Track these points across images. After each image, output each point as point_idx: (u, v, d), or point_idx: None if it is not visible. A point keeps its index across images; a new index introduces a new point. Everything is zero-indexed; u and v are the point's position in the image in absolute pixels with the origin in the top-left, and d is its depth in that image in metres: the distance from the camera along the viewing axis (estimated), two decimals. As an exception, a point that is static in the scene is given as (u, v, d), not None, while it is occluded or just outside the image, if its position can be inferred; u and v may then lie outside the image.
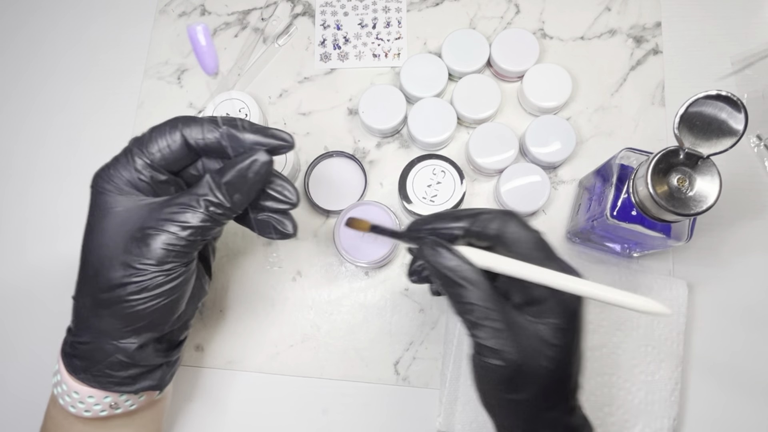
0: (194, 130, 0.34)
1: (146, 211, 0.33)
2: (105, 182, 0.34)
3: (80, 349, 0.35)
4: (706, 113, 0.35)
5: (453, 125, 0.51)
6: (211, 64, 0.31)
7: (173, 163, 0.34)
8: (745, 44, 0.54)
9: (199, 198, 0.32)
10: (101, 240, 0.33)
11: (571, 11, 0.57)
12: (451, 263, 0.31)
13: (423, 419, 0.48)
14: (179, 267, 0.33)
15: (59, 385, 0.37)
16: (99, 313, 0.33)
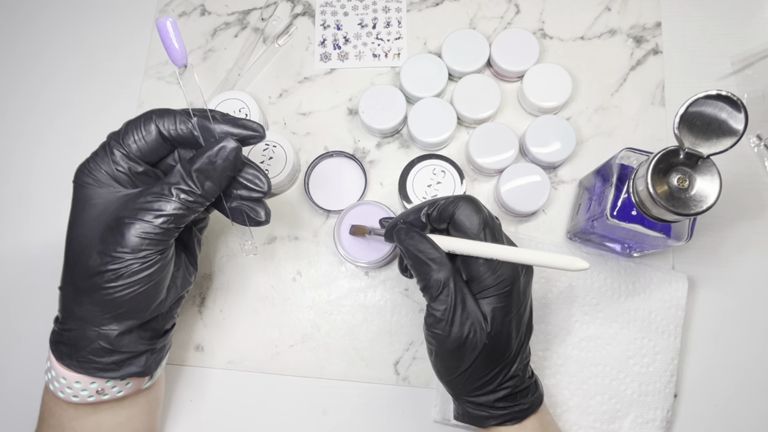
0: (167, 121, 0.36)
1: (122, 202, 0.34)
2: (85, 176, 0.35)
3: (65, 336, 0.36)
4: (706, 113, 0.35)
5: (453, 125, 0.51)
6: (179, 57, 0.33)
7: (149, 154, 0.36)
8: (745, 44, 0.54)
9: (171, 186, 0.34)
10: (80, 231, 0.35)
11: (571, 11, 0.57)
12: (420, 245, 0.36)
13: (423, 419, 0.48)
14: (154, 254, 0.34)
15: (49, 371, 0.38)
16: (80, 301, 0.35)
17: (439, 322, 0.35)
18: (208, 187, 0.35)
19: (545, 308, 0.48)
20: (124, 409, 0.40)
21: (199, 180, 0.34)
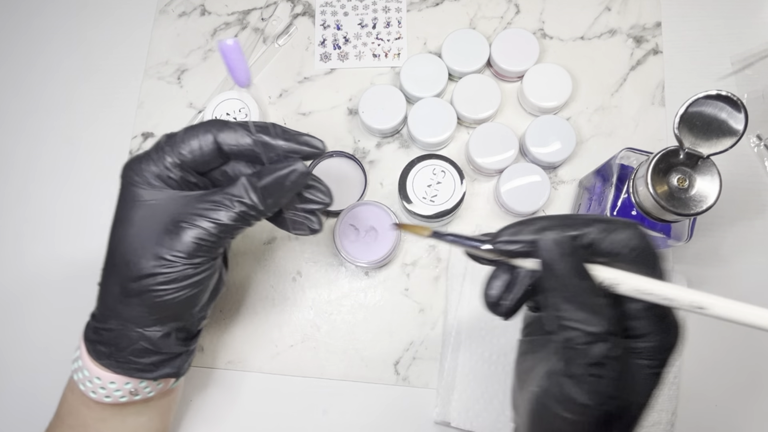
0: (228, 135, 0.35)
1: (179, 204, 0.34)
2: (135, 174, 0.34)
3: (105, 336, 0.36)
4: (706, 113, 0.35)
5: (453, 125, 0.51)
6: (245, 78, 0.32)
7: (202, 164, 0.35)
8: (745, 44, 0.54)
9: (233, 198, 0.33)
10: (131, 230, 0.34)
11: (571, 11, 0.57)
12: (581, 277, 0.25)
13: (423, 419, 0.48)
14: (207, 261, 0.34)
15: (80, 370, 0.37)
16: (127, 302, 0.34)
17: (571, 403, 0.25)
18: (270, 203, 0.34)
19: (545, 308, 0.48)
20: (147, 408, 0.40)
21: (263, 196, 0.34)
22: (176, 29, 0.60)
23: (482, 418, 0.46)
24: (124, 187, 0.35)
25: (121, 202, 0.35)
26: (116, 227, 0.35)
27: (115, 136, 0.57)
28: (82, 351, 0.37)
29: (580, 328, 0.24)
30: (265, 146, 0.35)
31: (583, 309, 0.24)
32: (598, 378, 0.24)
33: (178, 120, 0.56)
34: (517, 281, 0.28)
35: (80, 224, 0.56)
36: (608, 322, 0.24)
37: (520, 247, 0.27)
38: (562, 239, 0.26)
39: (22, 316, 0.54)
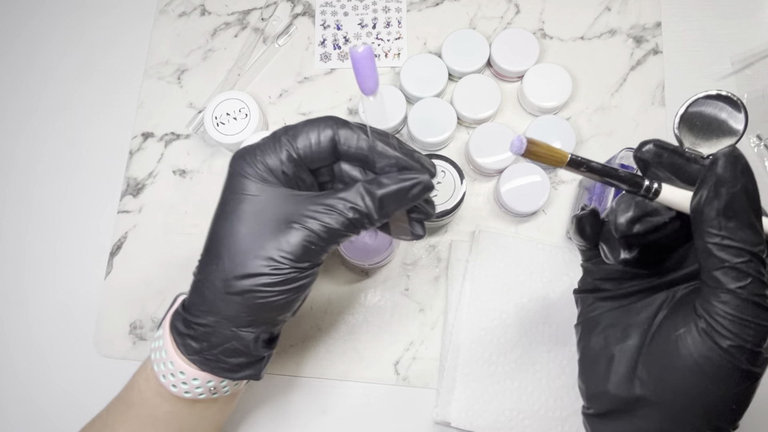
0: (347, 133, 0.34)
1: (291, 204, 0.32)
2: (247, 165, 0.33)
3: (198, 331, 0.34)
4: (706, 113, 0.35)
5: (453, 125, 0.51)
6: (372, 86, 0.30)
7: (315, 160, 0.34)
8: (745, 44, 0.54)
9: (347, 203, 0.32)
10: (239, 225, 0.32)
11: (571, 11, 0.57)
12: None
13: (423, 419, 0.48)
14: (312, 266, 0.33)
15: (163, 362, 0.36)
16: (228, 299, 0.33)
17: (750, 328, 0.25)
18: (384, 214, 0.33)
19: (548, 309, 0.48)
20: (215, 404, 0.39)
21: (379, 205, 0.32)
22: (176, 29, 0.60)
23: (482, 418, 0.46)
24: (233, 178, 0.33)
25: (229, 193, 0.33)
26: (222, 219, 0.33)
27: (115, 136, 0.57)
28: (166, 342, 0.36)
29: (743, 247, 0.25)
30: (379, 154, 0.33)
31: (748, 228, 0.25)
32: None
33: (178, 120, 0.56)
34: (647, 213, 0.28)
35: (81, 224, 0.56)
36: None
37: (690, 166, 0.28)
38: (740, 154, 0.26)
39: (22, 316, 0.54)
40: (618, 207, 0.28)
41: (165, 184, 0.55)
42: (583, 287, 0.35)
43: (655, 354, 0.28)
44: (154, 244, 0.54)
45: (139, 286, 0.53)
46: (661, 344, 0.28)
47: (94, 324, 0.53)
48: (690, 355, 0.26)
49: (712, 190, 0.25)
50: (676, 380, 0.27)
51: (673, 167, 0.28)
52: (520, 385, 0.47)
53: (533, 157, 0.27)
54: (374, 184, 0.32)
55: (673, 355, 0.27)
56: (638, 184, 0.27)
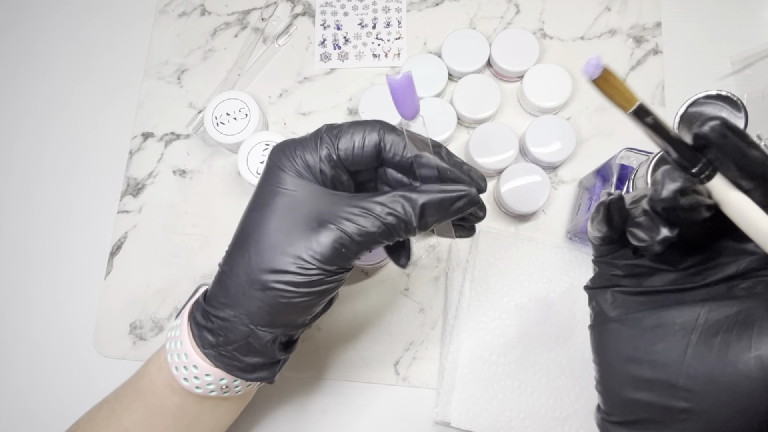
0: (395, 140, 0.32)
1: (327, 202, 0.31)
2: (285, 158, 0.32)
3: (216, 324, 0.33)
4: (706, 113, 0.35)
5: (453, 125, 0.51)
6: (411, 113, 0.29)
7: (357, 163, 0.33)
8: (745, 44, 0.54)
9: (386, 208, 0.30)
10: (271, 219, 0.31)
11: (571, 11, 0.57)
12: None
13: (423, 419, 0.48)
14: (340, 271, 0.31)
15: (177, 353, 0.35)
16: (251, 294, 0.32)
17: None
18: (424, 224, 0.31)
19: (548, 309, 0.48)
20: (225, 403, 0.39)
21: (421, 214, 0.31)
22: (176, 29, 0.60)
23: (482, 418, 0.46)
24: (271, 170, 0.32)
25: (264, 185, 0.32)
26: (254, 211, 0.32)
27: (115, 136, 0.57)
28: (183, 332, 0.35)
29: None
30: (425, 165, 0.32)
31: None
32: None
33: (178, 120, 0.56)
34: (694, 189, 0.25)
35: (81, 224, 0.56)
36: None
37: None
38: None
39: (22, 316, 0.54)
40: (663, 178, 0.25)
41: (165, 184, 0.55)
42: (598, 284, 0.32)
43: (710, 367, 0.25)
44: (154, 244, 0.54)
45: (139, 286, 0.53)
46: (722, 359, 0.25)
47: (94, 324, 0.53)
48: (766, 379, 0.24)
49: None
50: (738, 401, 0.24)
51: (735, 150, 0.25)
52: (520, 385, 0.47)
53: (603, 87, 0.25)
54: (417, 192, 0.31)
55: (740, 375, 0.24)
56: (696, 158, 0.25)
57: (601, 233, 0.30)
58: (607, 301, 0.30)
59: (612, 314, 0.30)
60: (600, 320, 0.31)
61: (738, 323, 0.25)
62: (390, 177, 0.34)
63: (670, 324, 0.27)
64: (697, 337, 0.26)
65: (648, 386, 0.27)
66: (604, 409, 0.30)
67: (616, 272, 0.30)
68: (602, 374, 0.30)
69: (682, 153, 0.25)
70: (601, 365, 0.30)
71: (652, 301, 0.29)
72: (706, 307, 0.27)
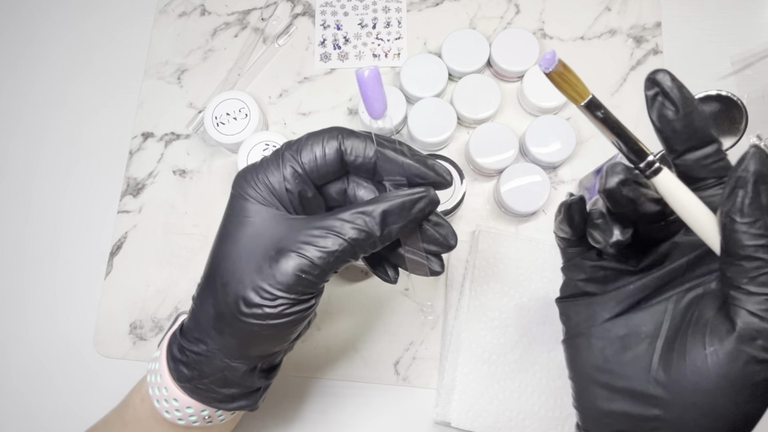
0: (355, 143, 0.31)
1: (285, 229, 0.30)
2: (249, 186, 0.31)
3: (191, 358, 0.33)
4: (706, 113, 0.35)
5: (453, 125, 0.51)
6: (380, 109, 0.29)
7: (320, 176, 0.32)
8: (745, 44, 0.54)
9: (346, 222, 0.29)
10: (233, 250, 0.31)
11: (571, 11, 0.57)
12: None
13: (423, 419, 0.48)
14: (308, 298, 0.31)
15: (158, 386, 0.35)
16: (220, 328, 0.31)
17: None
18: (387, 233, 0.30)
19: (548, 308, 0.48)
20: (211, 429, 0.39)
21: (381, 223, 0.29)
22: (176, 29, 0.60)
23: (482, 418, 0.46)
24: (234, 199, 0.31)
25: (229, 216, 0.32)
26: (220, 243, 0.32)
27: (115, 136, 0.57)
28: (162, 366, 0.34)
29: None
30: (388, 162, 0.31)
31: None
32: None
33: (178, 120, 0.56)
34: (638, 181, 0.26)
35: (81, 224, 0.56)
36: None
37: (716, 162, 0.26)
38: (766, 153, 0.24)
39: (22, 316, 0.54)
40: (609, 170, 0.26)
41: (165, 184, 0.55)
42: (566, 293, 0.32)
43: (674, 372, 0.25)
44: (154, 244, 0.54)
45: (139, 286, 0.53)
46: (682, 362, 0.25)
47: (94, 324, 0.53)
48: (722, 375, 0.24)
49: (752, 188, 0.23)
50: (702, 401, 0.25)
51: (683, 100, 0.26)
52: (520, 385, 0.47)
53: (557, 79, 0.26)
54: (375, 201, 0.30)
55: (699, 375, 0.24)
56: (643, 152, 0.26)
57: (564, 233, 0.30)
58: (577, 314, 0.31)
59: (582, 327, 0.30)
60: (571, 334, 0.31)
61: (693, 322, 0.26)
62: (358, 199, 0.33)
63: (636, 333, 0.28)
64: (661, 344, 0.26)
65: (621, 397, 0.27)
66: (582, 426, 0.30)
67: (581, 276, 0.31)
68: (577, 389, 0.30)
69: (631, 147, 0.26)
70: (576, 380, 0.31)
71: (618, 308, 0.29)
72: (668, 311, 0.27)
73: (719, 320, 0.25)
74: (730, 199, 0.23)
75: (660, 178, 0.26)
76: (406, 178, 0.31)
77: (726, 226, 0.24)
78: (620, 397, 0.27)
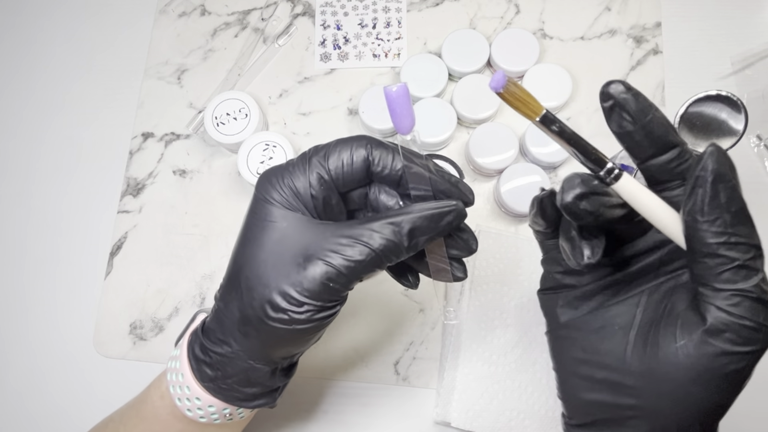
0: (383, 154, 0.31)
1: (311, 235, 0.30)
2: (272, 189, 0.31)
3: (214, 358, 0.33)
4: (706, 113, 0.35)
5: (453, 125, 0.51)
6: (408, 125, 0.29)
7: (346, 182, 0.32)
8: (745, 44, 0.54)
9: (374, 232, 0.29)
10: (260, 254, 0.31)
11: (571, 11, 0.57)
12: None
13: (423, 419, 0.48)
14: (333, 304, 0.31)
15: (180, 385, 0.35)
16: (245, 330, 0.32)
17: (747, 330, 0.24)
18: (414, 244, 0.30)
19: (545, 308, 0.48)
20: (228, 425, 0.39)
21: (410, 234, 0.29)
22: (176, 29, 0.60)
23: (482, 418, 0.46)
24: (258, 202, 0.31)
25: (252, 219, 0.31)
26: (244, 246, 0.31)
27: (115, 136, 0.57)
28: (183, 365, 0.35)
29: (749, 242, 0.24)
30: (414, 176, 0.31)
31: (747, 223, 0.24)
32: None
33: (178, 120, 0.56)
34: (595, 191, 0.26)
35: (81, 224, 0.56)
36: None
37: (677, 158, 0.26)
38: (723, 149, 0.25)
39: (22, 316, 0.54)
40: (565, 184, 0.26)
41: (165, 184, 0.55)
42: (545, 285, 0.33)
43: (647, 363, 0.27)
44: (154, 244, 0.54)
45: (139, 286, 0.53)
46: (655, 354, 0.26)
47: (94, 324, 0.53)
48: (693, 366, 0.25)
49: (711, 187, 0.24)
50: (675, 391, 0.26)
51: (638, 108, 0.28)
52: (520, 385, 0.47)
53: (509, 98, 0.26)
54: (403, 212, 0.30)
55: (672, 366, 0.25)
56: (602, 160, 0.27)
57: (539, 226, 0.32)
58: (556, 306, 0.32)
59: (562, 319, 0.31)
60: (553, 326, 0.32)
61: (665, 315, 0.27)
62: (380, 204, 0.33)
63: (611, 324, 0.29)
64: (634, 336, 0.28)
65: (599, 387, 0.28)
66: (566, 414, 0.31)
67: (559, 269, 0.32)
68: (560, 379, 0.31)
69: (589, 157, 0.27)
70: (558, 370, 0.32)
71: (595, 301, 0.30)
72: (642, 303, 0.28)
73: (689, 314, 0.25)
74: (690, 199, 0.24)
75: (621, 183, 0.26)
76: (431, 193, 0.31)
77: (689, 225, 0.24)
78: (599, 387, 0.28)
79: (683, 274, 0.28)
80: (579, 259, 0.27)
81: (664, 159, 0.27)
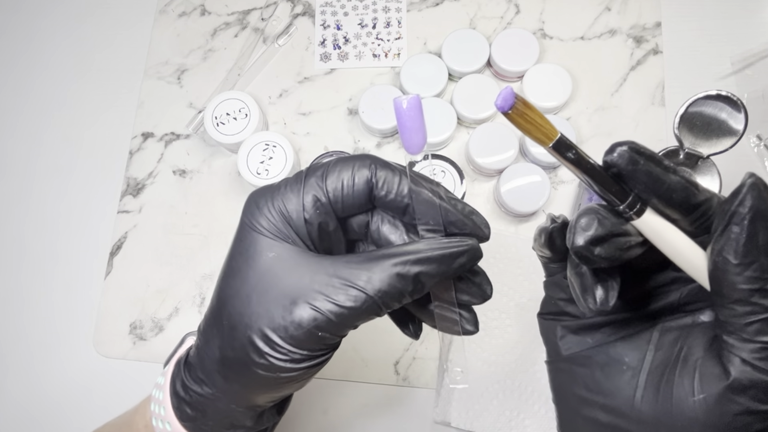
0: (388, 176, 0.27)
1: (302, 271, 0.26)
2: (261, 215, 0.27)
3: (194, 398, 0.30)
4: (706, 113, 0.35)
5: (453, 125, 0.51)
6: (419, 143, 0.25)
7: (346, 207, 0.27)
8: (745, 44, 0.54)
9: (372, 275, 0.25)
10: (242, 288, 0.27)
11: (571, 11, 0.57)
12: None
13: (423, 419, 0.48)
14: (321, 353, 0.28)
15: (163, 420, 0.32)
16: (225, 373, 0.28)
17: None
18: (419, 288, 0.26)
19: (545, 308, 0.48)
20: None
21: (415, 277, 0.25)
22: (176, 29, 0.60)
23: (482, 418, 0.46)
24: (243, 229, 0.27)
25: (237, 247, 0.28)
26: (228, 277, 0.28)
27: (115, 136, 0.57)
28: (166, 398, 0.32)
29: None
30: (422, 203, 0.27)
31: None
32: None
33: (178, 120, 0.56)
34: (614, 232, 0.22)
35: (80, 224, 0.56)
36: None
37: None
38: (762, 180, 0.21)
39: (22, 316, 0.54)
40: (577, 223, 0.22)
41: (165, 184, 0.55)
42: (546, 309, 0.30)
43: (660, 413, 0.24)
44: (154, 244, 0.54)
45: (139, 286, 0.53)
46: (668, 404, 0.23)
47: (94, 324, 0.53)
48: (714, 424, 0.22)
49: (749, 226, 0.20)
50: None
51: (650, 178, 0.22)
52: (520, 385, 0.47)
53: (518, 120, 0.22)
54: (408, 252, 0.26)
55: (688, 420, 0.23)
56: (625, 193, 0.22)
57: (545, 255, 0.28)
58: (557, 336, 0.29)
59: (564, 352, 0.28)
60: (553, 357, 0.29)
61: (680, 360, 0.24)
62: (382, 237, 0.29)
63: (618, 362, 0.26)
64: (645, 380, 0.25)
65: (603, 431, 0.26)
66: None
67: (562, 296, 0.28)
68: (561, 416, 0.29)
69: (608, 188, 0.22)
70: (559, 405, 0.29)
71: (602, 333, 0.27)
72: (653, 341, 0.26)
73: (710, 364, 0.23)
74: (723, 237, 0.21)
75: (644, 219, 0.23)
76: (441, 227, 0.27)
77: (718, 266, 0.21)
78: (602, 431, 0.26)
79: (702, 313, 0.25)
80: (591, 304, 0.24)
81: (688, 221, 0.23)
